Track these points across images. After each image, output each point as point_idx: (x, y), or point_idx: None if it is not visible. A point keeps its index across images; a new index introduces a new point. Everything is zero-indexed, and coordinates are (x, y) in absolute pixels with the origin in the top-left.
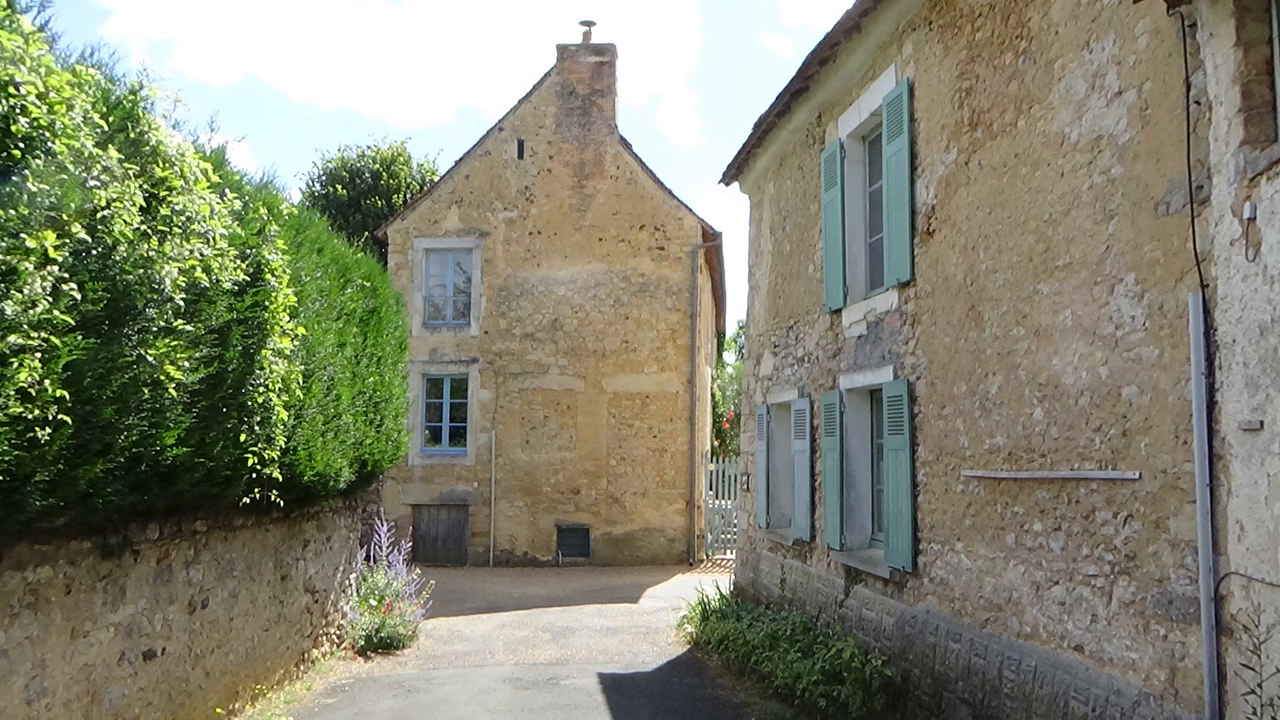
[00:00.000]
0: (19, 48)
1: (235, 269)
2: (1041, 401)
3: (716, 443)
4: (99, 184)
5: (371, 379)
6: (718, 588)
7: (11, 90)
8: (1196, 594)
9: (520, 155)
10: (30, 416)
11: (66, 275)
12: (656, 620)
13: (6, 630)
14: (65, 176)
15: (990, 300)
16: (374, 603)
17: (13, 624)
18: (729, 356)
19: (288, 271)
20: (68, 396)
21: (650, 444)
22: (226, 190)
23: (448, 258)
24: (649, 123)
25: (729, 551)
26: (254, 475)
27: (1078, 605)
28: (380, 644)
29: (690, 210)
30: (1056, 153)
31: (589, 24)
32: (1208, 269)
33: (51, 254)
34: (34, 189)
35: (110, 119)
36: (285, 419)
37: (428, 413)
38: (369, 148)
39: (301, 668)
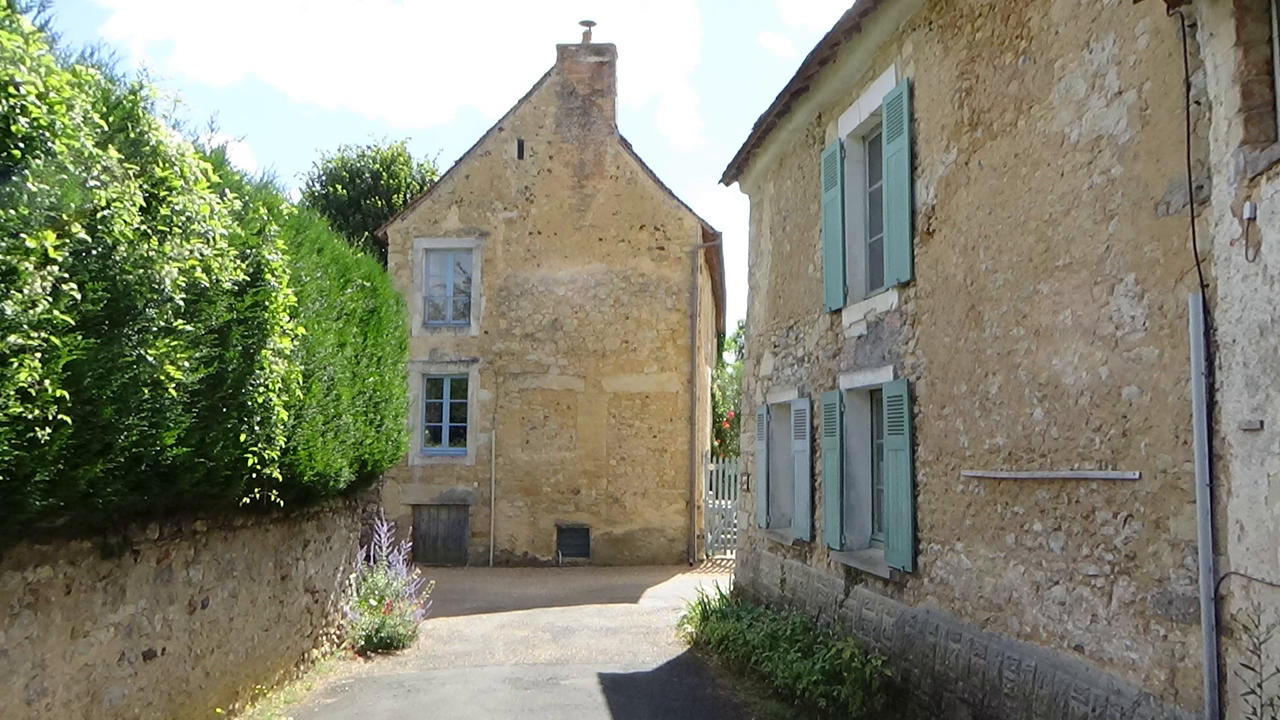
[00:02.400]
0: (19, 48)
1: (235, 269)
2: (1041, 401)
3: (716, 443)
4: (99, 184)
5: (371, 379)
6: (718, 588)
7: (11, 90)
8: (1196, 594)
9: (520, 155)
10: (30, 416)
11: (66, 275)
12: (656, 620)
13: (6, 630)
14: (65, 176)
15: (990, 300)
16: (374, 603)
17: (13, 624)
18: (729, 356)
19: (288, 271)
20: (68, 396)
21: (650, 444)
22: (226, 190)
23: (448, 258)
24: (649, 123)
25: (729, 551)
26: (254, 475)
27: (1078, 605)
28: (380, 644)
29: (690, 210)
30: (1056, 153)
31: (589, 24)
32: (1208, 269)
33: (51, 254)
34: (34, 189)
35: (110, 119)
36: (285, 419)
37: (428, 413)
38: (369, 148)
39: (301, 668)
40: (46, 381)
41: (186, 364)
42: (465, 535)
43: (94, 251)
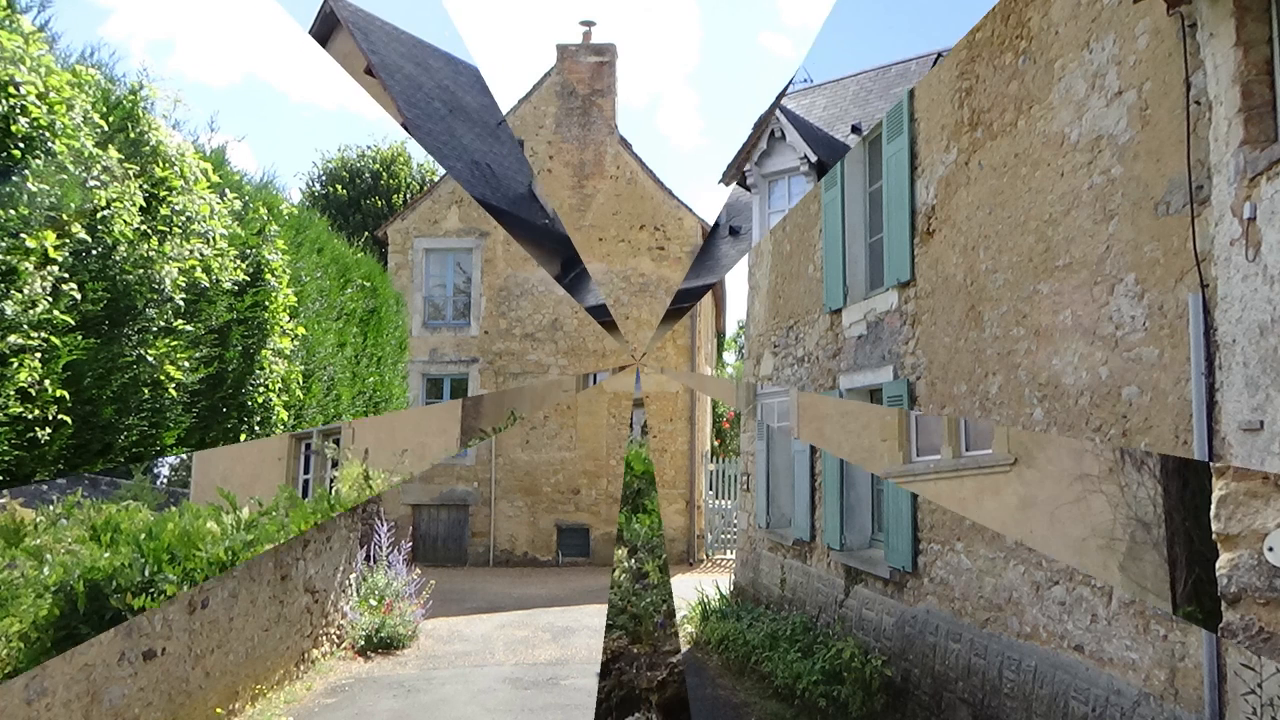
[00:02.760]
0: (19, 48)
1: (235, 269)
2: (1041, 401)
3: (716, 443)
4: (99, 184)
5: (371, 379)
6: (718, 588)
7: (11, 90)
8: None
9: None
10: (30, 416)
11: (66, 275)
12: None
13: None
14: (65, 176)
15: (990, 300)
16: (374, 603)
17: None
18: (729, 356)
19: (288, 271)
20: (68, 396)
21: (650, 444)
22: (226, 190)
23: (448, 258)
24: (649, 123)
25: (729, 551)
26: None
27: (1078, 605)
28: (380, 644)
29: (690, 210)
30: (1056, 153)
31: (589, 24)
32: (1208, 269)
33: (51, 254)
34: (34, 189)
35: (110, 119)
36: (285, 419)
37: None
38: (369, 148)
39: (301, 668)
40: (46, 381)
41: (186, 364)
42: (465, 535)
43: (94, 251)
